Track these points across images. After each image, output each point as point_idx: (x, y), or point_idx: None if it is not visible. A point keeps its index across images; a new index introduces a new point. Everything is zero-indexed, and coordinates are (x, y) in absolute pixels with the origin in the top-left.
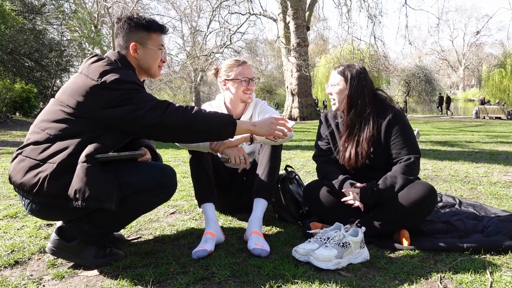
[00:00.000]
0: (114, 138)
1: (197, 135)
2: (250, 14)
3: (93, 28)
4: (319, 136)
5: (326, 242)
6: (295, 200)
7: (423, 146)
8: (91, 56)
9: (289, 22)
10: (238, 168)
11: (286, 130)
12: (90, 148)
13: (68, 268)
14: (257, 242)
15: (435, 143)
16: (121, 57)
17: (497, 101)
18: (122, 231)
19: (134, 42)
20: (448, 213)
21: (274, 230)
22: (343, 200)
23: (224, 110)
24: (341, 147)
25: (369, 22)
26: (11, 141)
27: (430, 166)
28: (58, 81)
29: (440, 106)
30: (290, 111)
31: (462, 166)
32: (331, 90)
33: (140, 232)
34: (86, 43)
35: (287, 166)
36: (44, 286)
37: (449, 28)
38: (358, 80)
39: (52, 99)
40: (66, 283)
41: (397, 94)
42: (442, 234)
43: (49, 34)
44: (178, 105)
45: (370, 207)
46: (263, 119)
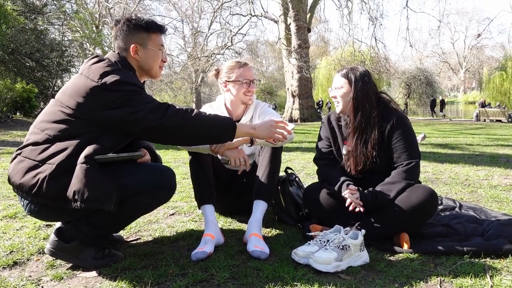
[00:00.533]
0: (113, 140)
1: (196, 138)
2: (251, 15)
3: (94, 28)
4: (320, 138)
5: (325, 245)
6: (295, 202)
7: (424, 149)
8: (92, 57)
9: (290, 24)
10: (238, 170)
11: (286, 133)
12: (89, 149)
13: (67, 269)
14: (256, 244)
15: (436, 146)
16: (121, 58)
17: (497, 103)
18: (121, 232)
19: (134, 44)
20: (448, 216)
21: (274, 232)
22: (347, 205)
23: (224, 112)
24: (345, 151)
25: (370, 24)
26: (11, 141)
27: (430, 168)
28: (59, 81)
29: (432, 109)
30: (291, 113)
31: (462, 169)
32: (336, 93)
33: (139, 233)
34: (87, 44)
35: (287, 168)
36: (42, 287)
37: (450, 30)
38: (363, 82)
39: (52, 100)
40: (65, 284)
41: (397, 96)
42: (442, 237)
43: (50, 34)
44: (178, 107)
45: (370, 210)
46: (263, 122)
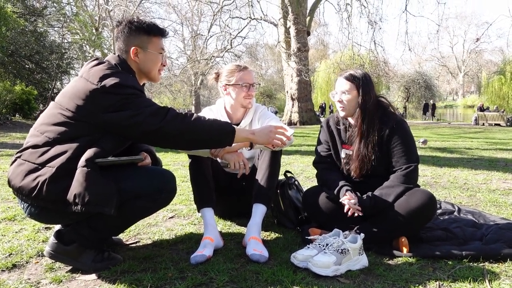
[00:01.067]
0: (113, 143)
1: (195, 143)
2: (251, 18)
3: (94, 31)
4: (320, 142)
5: (325, 249)
6: (294, 205)
7: (422, 152)
8: (92, 59)
9: (289, 27)
10: (237, 173)
11: (285, 139)
12: (89, 152)
13: (66, 272)
14: (255, 248)
15: (435, 150)
16: (121, 61)
17: (495, 107)
18: (121, 235)
19: (134, 46)
20: (447, 220)
21: (273, 235)
22: (345, 211)
23: (224, 115)
24: (343, 155)
25: (369, 28)
26: (11, 143)
27: (429, 172)
28: (58, 83)
29: (425, 113)
30: (290, 116)
31: (461, 173)
32: (342, 97)
33: (138, 236)
34: (87, 46)
35: (287, 171)
36: None
37: (449, 34)
38: (368, 86)
39: (52, 102)
40: (64, 287)
41: (396, 100)
42: (441, 241)
43: (50, 36)
44: (177, 111)
45: (369, 214)
46: (262, 127)
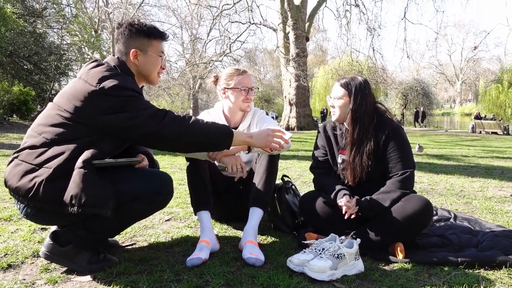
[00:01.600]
0: (111, 144)
1: (193, 146)
2: (250, 23)
3: (93, 33)
4: (317, 147)
5: (321, 253)
6: (291, 210)
7: (419, 159)
8: (91, 61)
9: (288, 33)
10: (234, 176)
11: (282, 142)
12: (87, 153)
13: (61, 273)
14: (252, 251)
15: (432, 157)
16: (120, 63)
17: (492, 115)
18: (117, 237)
19: (134, 49)
20: (443, 226)
21: (269, 239)
22: (343, 213)
23: (222, 118)
24: (340, 160)
25: (368, 35)
26: (8, 143)
27: (426, 179)
28: (56, 84)
29: (416, 120)
30: (288, 121)
31: (457, 180)
32: (334, 103)
33: (134, 238)
34: (86, 48)
35: (284, 176)
36: None
37: (447, 42)
38: (362, 95)
39: (50, 103)
40: None
41: (394, 106)
42: (436, 247)
43: (49, 37)
44: (176, 114)
45: (365, 219)
46: (260, 131)
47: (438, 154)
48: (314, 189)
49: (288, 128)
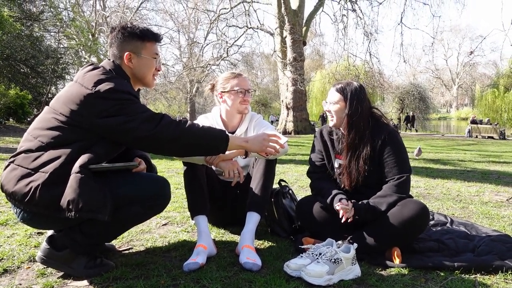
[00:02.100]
0: (107, 148)
1: (189, 149)
2: (248, 27)
3: (90, 36)
4: (314, 152)
5: (318, 258)
6: (288, 214)
7: (416, 164)
8: (87, 65)
9: (286, 37)
10: (231, 181)
11: (278, 147)
12: (83, 158)
13: (57, 277)
14: (249, 256)
15: (428, 161)
16: (116, 66)
17: (487, 119)
18: (113, 242)
19: (128, 52)
20: (439, 231)
21: (266, 244)
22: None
23: (220, 123)
24: (337, 165)
25: (365, 39)
26: (4, 147)
27: (422, 184)
28: (53, 88)
29: (407, 124)
30: (285, 125)
31: (454, 185)
32: (330, 108)
33: (131, 243)
34: (83, 51)
35: (281, 180)
36: None
37: (443, 47)
38: (358, 100)
39: (46, 107)
40: None
41: (391, 111)
42: (433, 252)
43: (46, 41)
44: (172, 118)
45: (362, 224)
46: (256, 135)
47: (435, 159)
48: (311, 193)
49: (285, 132)
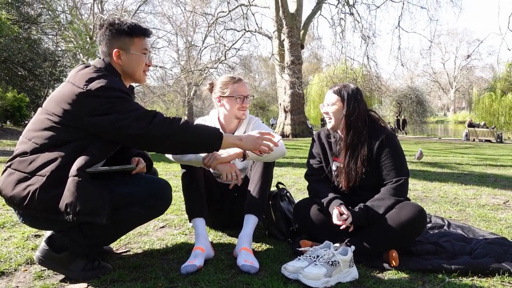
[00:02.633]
0: (102, 147)
1: (183, 148)
2: (246, 31)
3: (88, 39)
4: (311, 154)
5: (315, 260)
6: (286, 217)
7: (413, 167)
8: (79, 64)
9: (283, 40)
10: (229, 184)
11: (272, 145)
12: (80, 161)
13: (55, 280)
14: (246, 259)
15: (425, 164)
16: (106, 64)
17: (483, 123)
18: (111, 244)
19: (117, 49)
20: (437, 234)
21: (264, 247)
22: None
23: (218, 126)
24: (334, 167)
25: (362, 43)
26: (1, 150)
27: (420, 187)
28: (50, 91)
29: (398, 127)
30: (283, 128)
31: (451, 188)
32: (328, 109)
33: (129, 245)
34: (81, 54)
35: (279, 183)
36: None
37: (440, 51)
38: (355, 101)
39: (39, 108)
40: None
41: (388, 114)
42: (430, 255)
43: (44, 44)
44: (165, 116)
45: (360, 227)
46: (249, 134)
47: (432, 162)
48: (308, 196)
49: (283, 135)
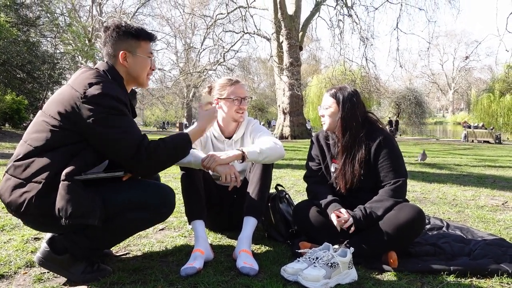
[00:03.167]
0: (95, 154)
1: (162, 166)
2: (244, 32)
3: (87, 41)
4: (310, 156)
5: (314, 262)
6: (285, 219)
7: (412, 168)
8: (82, 67)
9: (282, 42)
10: (228, 186)
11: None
12: (71, 165)
13: (55, 283)
14: (246, 261)
15: (424, 165)
16: (109, 67)
17: (481, 124)
18: None
19: (123, 51)
20: (435, 235)
21: (263, 248)
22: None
23: (216, 128)
24: (333, 169)
25: (361, 44)
26: (0, 152)
27: (418, 188)
28: (49, 93)
29: (390, 128)
30: (282, 130)
31: (450, 189)
32: (324, 112)
33: (128, 248)
34: (80, 57)
35: (278, 185)
36: None
37: (439, 52)
38: (351, 103)
39: (39, 111)
40: None
41: (387, 115)
42: (429, 256)
43: (42, 46)
44: (149, 142)
45: (360, 227)
46: (200, 113)
47: (431, 163)
48: (307, 198)
49: (282, 136)
